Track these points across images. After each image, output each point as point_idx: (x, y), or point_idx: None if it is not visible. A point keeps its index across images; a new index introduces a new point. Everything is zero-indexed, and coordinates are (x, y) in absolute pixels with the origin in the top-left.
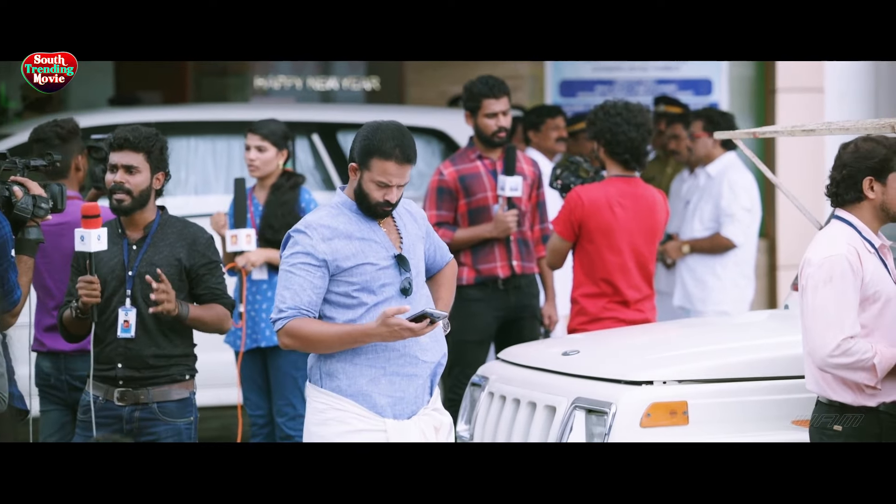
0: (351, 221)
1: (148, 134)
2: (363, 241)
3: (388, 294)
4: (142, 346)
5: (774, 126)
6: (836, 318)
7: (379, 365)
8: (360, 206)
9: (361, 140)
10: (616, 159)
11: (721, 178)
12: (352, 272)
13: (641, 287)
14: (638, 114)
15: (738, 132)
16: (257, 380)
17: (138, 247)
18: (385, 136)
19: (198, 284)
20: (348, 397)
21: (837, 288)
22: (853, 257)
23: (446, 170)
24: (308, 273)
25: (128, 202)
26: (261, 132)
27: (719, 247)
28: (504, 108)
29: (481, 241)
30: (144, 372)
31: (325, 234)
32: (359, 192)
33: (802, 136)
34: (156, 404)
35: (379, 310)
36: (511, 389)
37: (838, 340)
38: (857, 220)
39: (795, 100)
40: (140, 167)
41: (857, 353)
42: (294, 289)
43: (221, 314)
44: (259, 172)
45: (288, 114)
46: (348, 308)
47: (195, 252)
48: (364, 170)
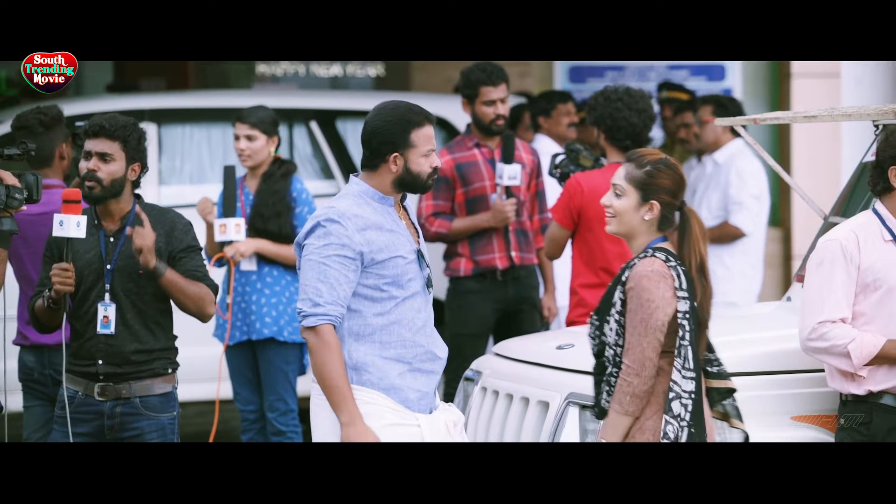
0: (377, 212)
1: (125, 123)
2: (392, 233)
3: (414, 289)
4: (123, 341)
5: (776, 112)
6: (817, 302)
7: (406, 360)
8: (409, 189)
9: (387, 125)
10: (617, 146)
11: (729, 165)
12: (384, 265)
13: None
14: (639, 99)
15: (738, 118)
16: (247, 374)
17: (116, 238)
18: (405, 109)
19: (177, 267)
20: (381, 391)
21: (825, 272)
22: (849, 243)
23: (442, 158)
24: (344, 266)
25: (98, 190)
26: (249, 121)
27: (728, 236)
28: (502, 95)
29: (479, 232)
30: (126, 367)
31: (359, 224)
32: (409, 178)
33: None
34: (138, 399)
35: (407, 305)
36: (504, 384)
37: (814, 324)
38: (885, 211)
39: (811, 85)
40: (115, 155)
41: (832, 339)
42: (331, 283)
43: (203, 291)
44: (251, 162)
45: (286, 101)
46: (376, 301)
47: (174, 238)
48: (407, 149)
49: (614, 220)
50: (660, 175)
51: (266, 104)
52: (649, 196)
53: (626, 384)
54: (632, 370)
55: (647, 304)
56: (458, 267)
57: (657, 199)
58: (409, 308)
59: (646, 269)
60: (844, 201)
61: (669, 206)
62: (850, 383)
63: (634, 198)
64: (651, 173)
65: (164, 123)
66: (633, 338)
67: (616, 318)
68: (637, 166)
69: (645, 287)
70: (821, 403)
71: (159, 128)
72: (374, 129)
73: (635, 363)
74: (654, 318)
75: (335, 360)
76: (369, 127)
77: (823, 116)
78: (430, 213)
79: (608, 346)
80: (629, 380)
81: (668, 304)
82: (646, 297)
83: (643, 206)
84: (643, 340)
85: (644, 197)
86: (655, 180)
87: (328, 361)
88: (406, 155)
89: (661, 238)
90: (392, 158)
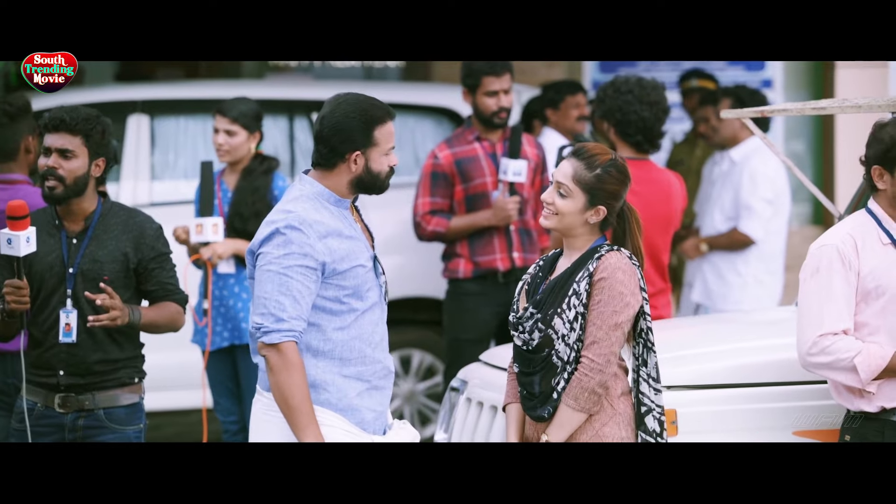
0: (335, 217)
1: (87, 115)
2: (351, 239)
3: (372, 300)
4: (86, 351)
5: (783, 104)
6: (815, 313)
7: (366, 378)
8: (369, 190)
9: (349, 121)
10: (627, 141)
11: (743, 165)
12: (345, 275)
13: (654, 280)
14: (651, 91)
15: (744, 111)
16: (227, 383)
17: (79, 240)
18: (367, 103)
19: (147, 280)
20: (338, 412)
21: (822, 280)
22: (847, 247)
23: (441, 153)
24: (306, 278)
25: (60, 190)
26: (230, 114)
27: (737, 243)
28: (505, 86)
29: (479, 231)
30: (89, 378)
31: (320, 231)
32: (366, 178)
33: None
34: (102, 410)
35: (366, 319)
36: (489, 395)
37: (815, 337)
38: (878, 209)
39: (856, 75)
40: (76, 151)
41: (835, 353)
42: (294, 295)
43: (174, 312)
44: (228, 158)
45: (287, 92)
46: (336, 315)
47: (143, 245)
48: (369, 148)
49: (554, 217)
50: (610, 180)
51: (269, 95)
52: (597, 201)
53: (587, 379)
54: (595, 365)
55: (619, 298)
56: (457, 268)
57: (604, 205)
58: (368, 321)
59: (620, 262)
60: (861, 199)
61: (613, 209)
62: (860, 399)
63: (581, 201)
64: (601, 178)
65: (157, 115)
66: (601, 332)
67: (580, 310)
68: (587, 168)
69: (620, 279)
70: (826, 416)
71: (152, 120)
72: (334, 125)
73: (601, 358)
74: (625, 313)
75: (300, 381)
76: (327, 122)
77: (833, 108)
78: (427, 211)
79: (560, 340)
80: (591, 375)
81: (637, 301)
82: (619, 289)
83: (589, 210)
84: (612, 334)
85: (591, 202)
86: (605, 185)
87: (293, 382)
88: (367, 153)
89: (603, 237)
90: (352, 157)
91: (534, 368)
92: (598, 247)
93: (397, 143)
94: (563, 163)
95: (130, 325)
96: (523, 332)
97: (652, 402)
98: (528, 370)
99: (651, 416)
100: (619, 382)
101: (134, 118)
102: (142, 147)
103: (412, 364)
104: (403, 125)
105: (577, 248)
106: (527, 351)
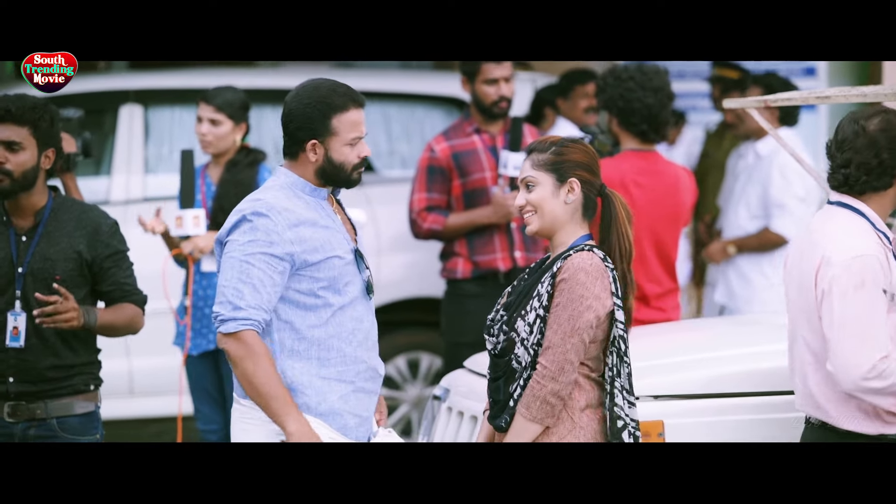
0: (310, 206)
1: (34, 104)
2: (327, 229)
3: (352, 294)
4: (37, 356)
5: (788, 93)
6: (870, 333)
7: (349, 379)
8: (332, 181)
9: (305, 108)
10: (631, 131)
11: (771, 159)
12: (319, 267)
13: (662, 280)
14: (654, 76)
15: (748, 100)
16: (209, 389)
17: (28, 238)
18: (327, 90)
19: (103, 279)
20: (318, 416)
21: (869, 295)
22: (883, 258)
23: (438, 145)
24: (269, 267)
25: (7, 184)
26: (214, 102)
27: (769, 244)
28: (506, 74)
29: (478, 229)
30: (41, 385)
31: (290, 219)
32: (330, 168)
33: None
34: (55, 420)
35: (346, 314)
36: (470, 405)
37: (874, 361)
38: (870, 211)
39: None
40: (24, 143)
41: (892, 376)
42: (254, 283)
43: (132, 314)
44: (212, 149)
45: (284, 82)
46: (310, 310)
47: (97, 242)
48: (328, 137)
49: (534, 216)
50: (568, 151)
51: (273, 84)
52: (565, 175)
53: (538, 387)
54: (548, 373)
55: (578, 301)
56: (456, 268)
57: (575, 177)
58: (349, 317)
59: (584, 262)
60: None
61: (590, 186)
62: (884, 425)
63: (549, 183)
64: (559, 152)
65: (151, 105)
66: (556, 336)
67: (539, 312)
68: (541, 151)
69: (580, 281)
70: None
71: (146, 110)
72: (291, 112)
73: (553, 365)
74: (584, 318)
75: (267, 366)
76: (286, 109)
77: (837, 97)
78: (423, 208)
79: (520, 343)
80: (543, 383)
81: (602, 305)
82: (579, 291)
83: (561, 187)
84: (567, 341)
85: (560, 178)
86: (566, 157)
87: (259, 369)
88: (327, 143)
89: (588, 235)
90: (310, 146)
91: (498, 374)
92: (573, 246)
93: (406, 135)
94: (523, 164)
95: (86, 327)
96: (493, 335)
97: (627, 417)
98: (494, 375)
99: (626, 432)
100: (582, 394)
101: (126, 108)
102: (135, 139)
103: (420, 368)
104: (412, 116)
105: (559, 244)
106: (494, 355)
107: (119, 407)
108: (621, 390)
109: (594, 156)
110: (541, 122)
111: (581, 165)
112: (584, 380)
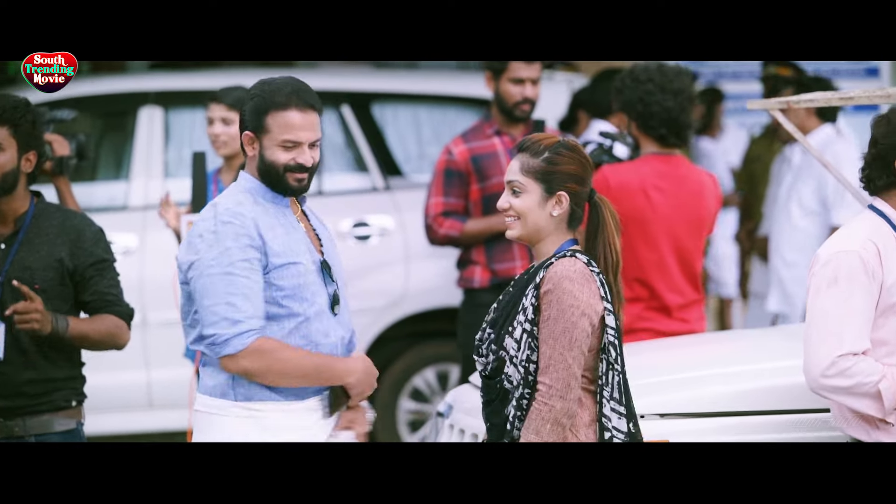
0: (269, 212)
1: (15, 103)
2: (288, 236)
3: (320, 306)
4: (15, 369)
5: (810, 94)
6: (835, 330)
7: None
8: (269, 183)
9: (251, 100)
10: (651, 135)
11: (822, 153)
12: (281, 272)
13: (685, 290)
14: (674, 78)
15: (770, 101)
16: None
17: (8, 245)
18: (275, 87)
19: (85, 289)
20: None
21: (842, 292)
22: (870, 255)
23: (456, 148)
24: (253, 272)
25: None
26: (226, 101)
27: None
28: (534, 75)
29: (497, 235)
30: (18, 401)
31: (253, 222)
32: (263, 167)
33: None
34: (33, 437)
35: (310, 326)
36: (472, 422)
37: (833, 357)
38: (891, 210)
39: None
40: (3, 144)
41: (856, 375)
42: (244, 293)
43: (112, 326)
44: (227, 149)
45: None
46: (274, 320)
47: (80, 250)
48: (262, 135)
49: (517, 223)
50: (562, 160)
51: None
52: (554, 187)
53: (547, 409)
54: (555, 392)
55: (569, 311)
56: (473, 277)
57: (564, 190)
58: (315, 330)
59: (567, 270)
60: None
61: (578, 197)
62: (876, 430)
63: (537, 192)
64: (551, 160)
65: (171, 107)
66: (555, 352)
67: (526, 327)
68: (533, 154)
69: (567, 290)
70: None
71: (166, 112)
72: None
73: (559, 383)
74: (580, 327)
75: (290, 354)
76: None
77: (861, 98)
78: (440, 213)
79: (510, 363)
80: (551, 403)
81: (594, 311)
82: (568, 301)
83: (549, 200)
84: (567, 355)
85: (548, 189)
86: (558, 167)
87: (289, 363)
88: (261, 139)
89: (573, 240)
90: (246, 138)
91: (492, 396)
92: (556, 253)
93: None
94: (511, 161)
95: (54, 335)
96: (482, 355)
97: (615, 429)
98: (488, 398)
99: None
100: (585, 410)
101: (146, 110)
102: (154, 142)
103: (450, 380)
104: (443, 118)
105: (543, 253)
106: (485, 376)
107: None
108: (609, 399)
109: (587, 165)
110: (574, 126)
111: (573, 177)
112: (584, 393)
